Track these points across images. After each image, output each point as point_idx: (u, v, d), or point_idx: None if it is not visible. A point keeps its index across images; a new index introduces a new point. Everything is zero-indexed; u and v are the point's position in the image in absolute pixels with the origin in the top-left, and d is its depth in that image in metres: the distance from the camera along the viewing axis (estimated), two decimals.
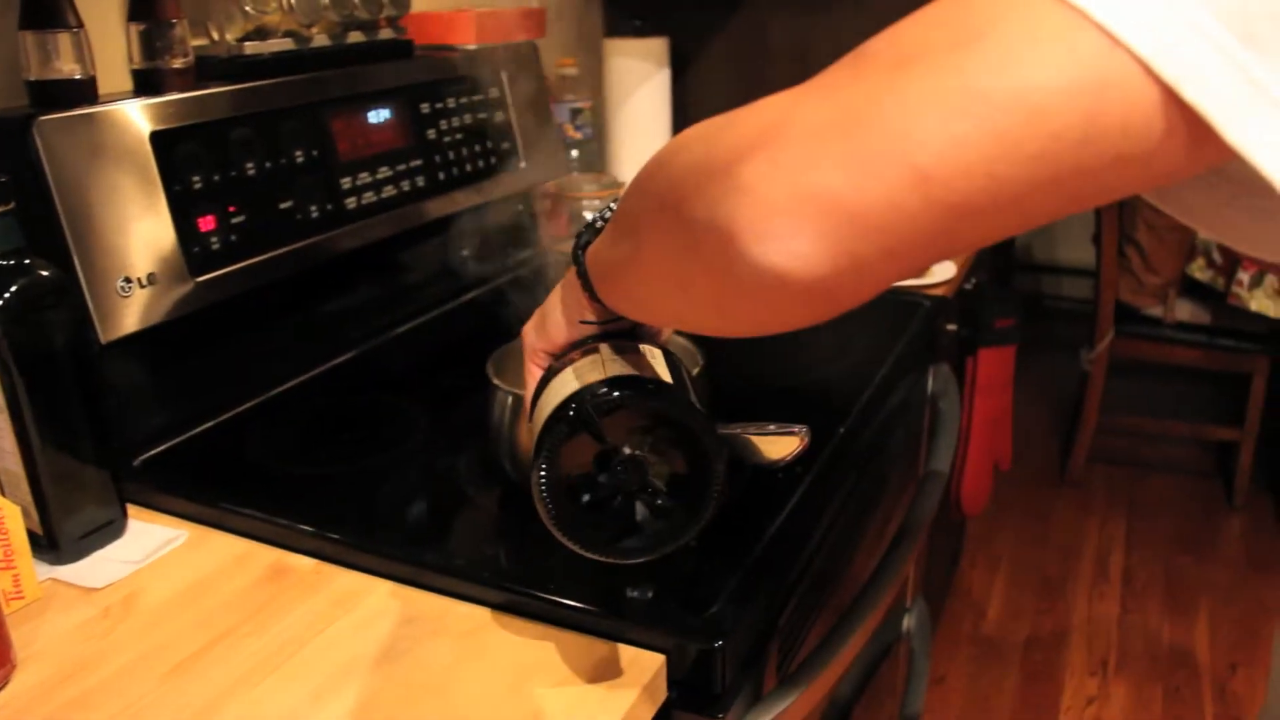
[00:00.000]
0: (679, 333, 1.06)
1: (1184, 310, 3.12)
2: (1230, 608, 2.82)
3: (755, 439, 0.81)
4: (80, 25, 1.08)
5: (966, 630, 2.75)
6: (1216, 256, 3.02)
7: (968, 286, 1.93)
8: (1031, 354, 3.25)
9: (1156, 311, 3.15)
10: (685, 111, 2.16)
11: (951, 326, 1.76)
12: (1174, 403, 3.64)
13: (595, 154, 2.03)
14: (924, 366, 1.50)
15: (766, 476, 0.95)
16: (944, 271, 1.70)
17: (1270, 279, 2.82)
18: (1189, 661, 2.63)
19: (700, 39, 2.22)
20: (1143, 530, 3.19)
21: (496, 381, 0.99)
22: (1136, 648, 2.68)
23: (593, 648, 0.82)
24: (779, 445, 0.82)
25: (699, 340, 1.05)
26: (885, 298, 1.54)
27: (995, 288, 2.03)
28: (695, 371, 0.98)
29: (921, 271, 0.65)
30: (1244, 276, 2.87)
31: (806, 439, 0.81)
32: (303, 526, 0.96)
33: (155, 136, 1.10)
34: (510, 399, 0.97)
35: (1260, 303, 2.84)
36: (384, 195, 1.39)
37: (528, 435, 0.97)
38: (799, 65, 2.15)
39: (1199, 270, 3.05)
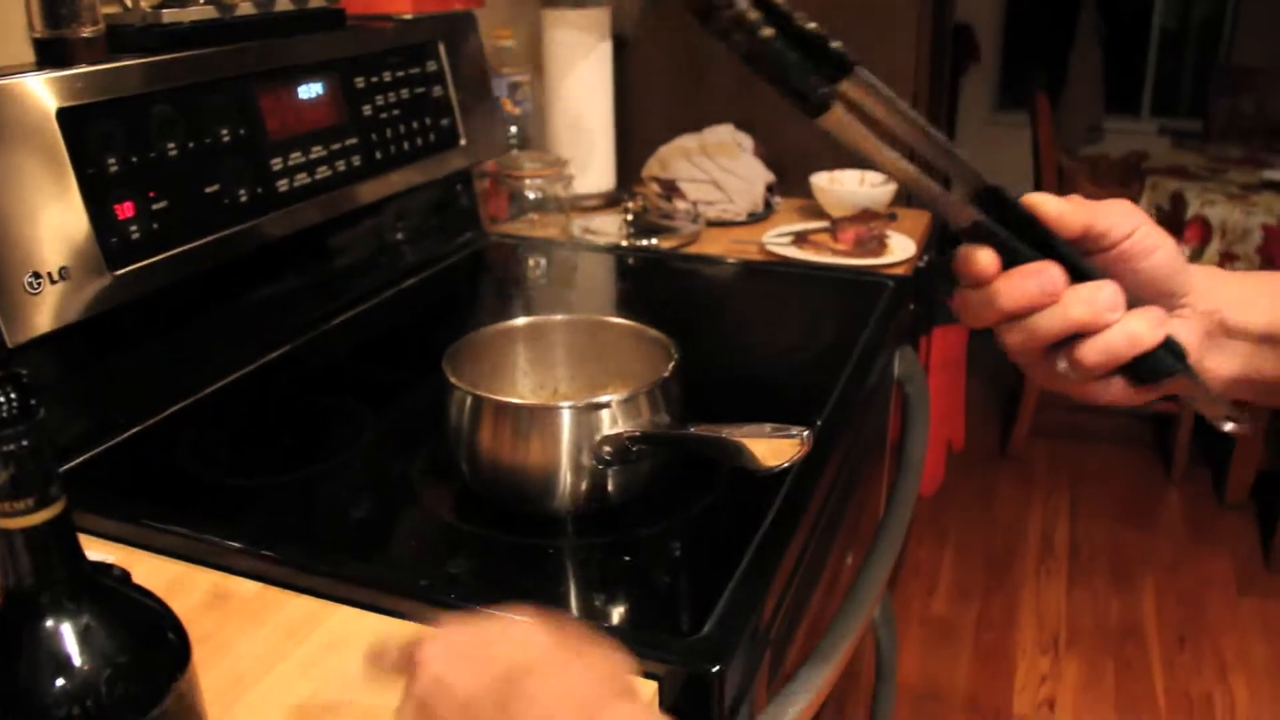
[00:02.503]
0: (655, 325, 0.99)
1: None
2: (1174, 580, 2.83)
3: (750, 442, 0.74)
4: None
5: (916, 610, 2.72)
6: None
7: (920, 264, 1.87)
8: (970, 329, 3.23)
9: None
10: (628, 84, 2.07)
11: (910, 306, 1.70)
12: None
13: (535, 130, 1.94)
14: (889, 349, 1.44)
15: (744, 475, 0.87)
16: (904, 250, 1.64)
17: (1211, 253, 2.82)
18: (1137, 635, 2.63)
19: (643, 10, 2.13)
20: (1086, 503, 3.20)
21: (454, 380, 0.90)
22: (1086, 623, 2.67)
23: None
24: (777, 450, 0.75)
25: (673, 334, 0.97)
26: (848, 278, 1.48)
27: (946, 264, 1.97)
28: (670, 366, 0.90)
29: None
30: (1185, 249, 2.86)
31: (808, 443, 0.74)
32: (243, 545, 0.87)
33: (63, 114, 0.99)
34: (469, 399, 0.89)
35: None
36: (317, 176, 1.29)
37: (488, 437, 0.89)
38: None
39: None
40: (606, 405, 0.85)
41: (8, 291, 0.94)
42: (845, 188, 1.84)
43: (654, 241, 1.66)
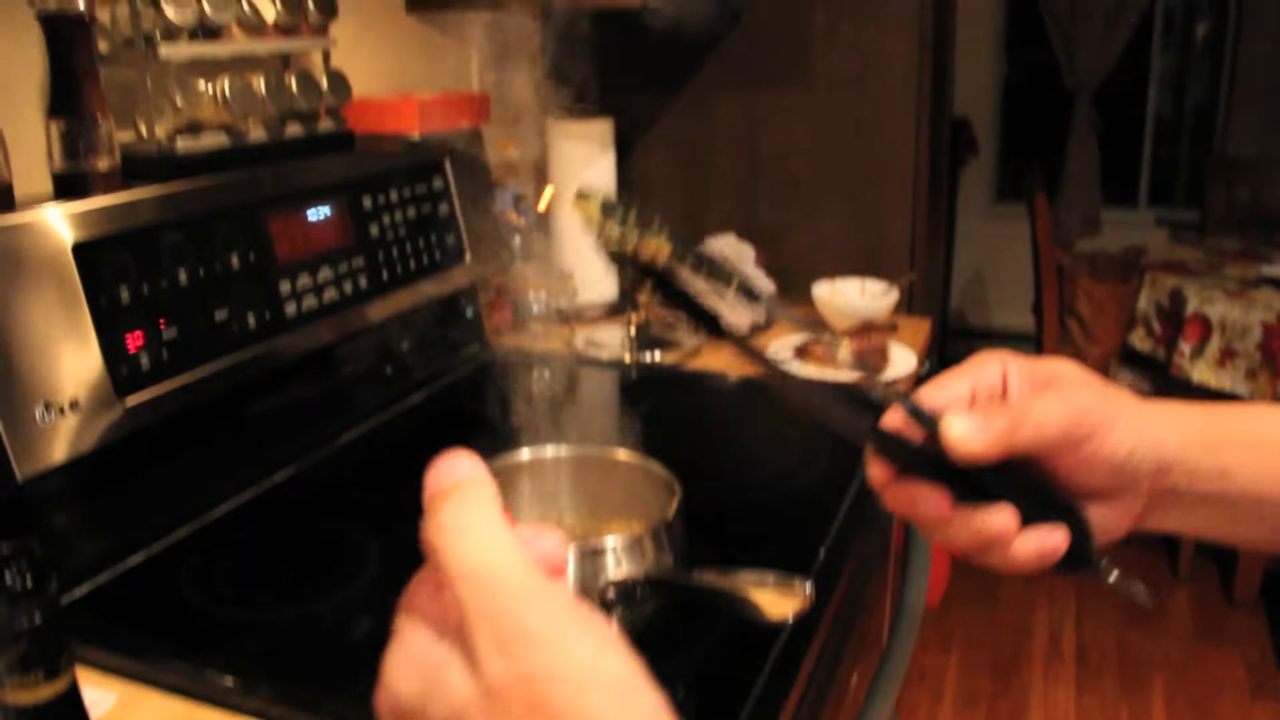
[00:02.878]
0: (659, 459, 0.99)
1: (1125, 380, 3.12)
2: (1184, 683, 2.79)
3: (754, 594, 0.74)
4: None
5: (923, 718, 2.68)
6: (1156, 327, 3.03)
7: (923, 373, 1.88)
8: None
9: None
10: (630, 195, 2.10)
11: None
12: None
13: (538, 240, 1.97)
14: None
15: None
16: (905, 363, 1.65)
17: (1211, 349, 2.83)
18: None
19: (645, 120, 2.17)
20: (1092, 603, 3.16)
21: None
22: None
23: None
24: (781, 603, 0.75)
25: (675, 469, 0.98)
26: (849, 396, 1.49)
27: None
28: (673, 505, 0.91)
29: None
30: (1185, 347, 2.88)
31: (811, 595, 0.74)
32: (245, 686, 0.86)
33: (78, 248, 1.01)
34: None
35: (1202, 373, 2.85)
36: (325, 299, 1.30)
37: None
38: (745, 145, 2.11)
39: (1139, 340, 3.06)
40: (610, 549, 0.85)
41: (19, 425, 0.94)
42: (846, 298, 1.86)
43: (656, 355, 1.67)
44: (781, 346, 1.70)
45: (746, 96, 2.08)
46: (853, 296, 1.88)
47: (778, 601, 0.75)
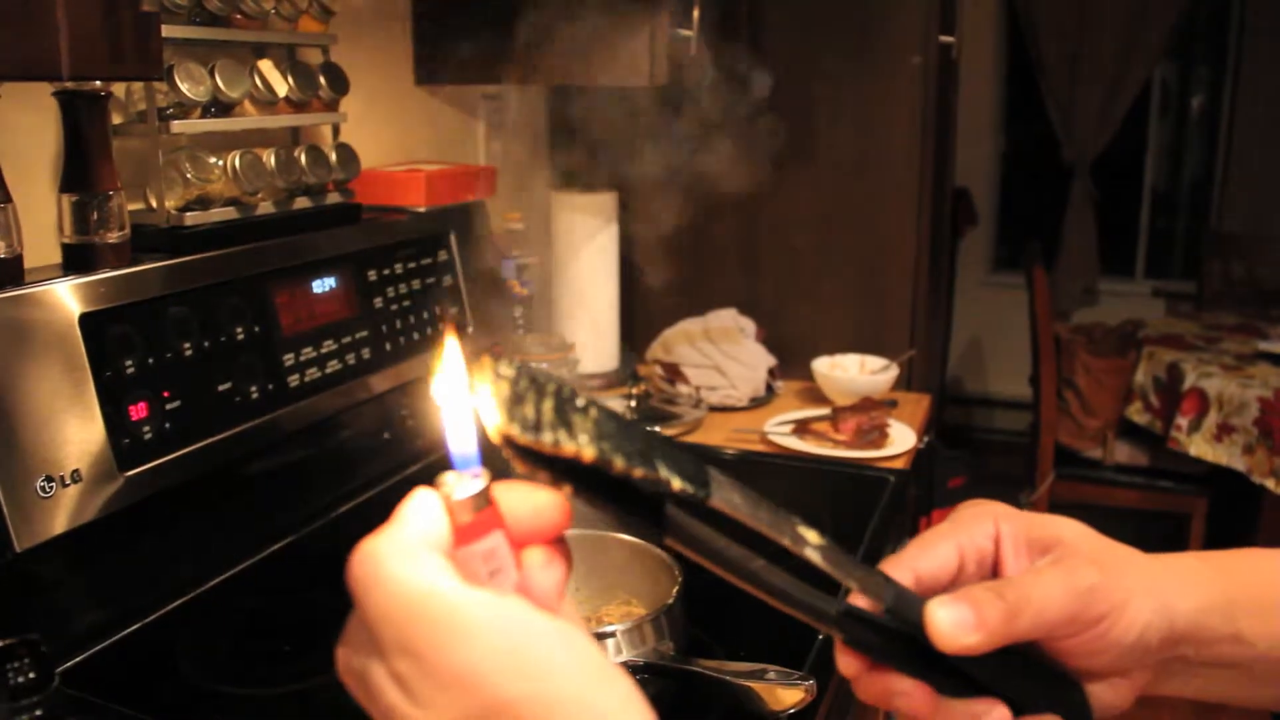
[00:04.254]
0: (659, 545, 0.99)
1: (1123, 452, 3.13)
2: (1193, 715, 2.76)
3: (756, 687, 0.74)
4: (8, 199, 1.00)
5: None
6: (1153, 400, 3.04)
7: (921, 447, 1.89)
8: (965, 488, 3.22)
9: (1096, 454, 3.15)
10: (634, 267, 2.12)
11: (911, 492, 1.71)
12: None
13: (541, 310, 1.98)
14: (892, 543, 1.44)
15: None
16: (904, 440, 1.66)
17: (1209, 424, 2.84)
18: None
19: (648, 193, 2.19)
20: None
21: None
22: None
23: None
24: (781, 694, 0.75)
25: (675, 555, 0.98)
26: (849, 472, 1.49)
27: (944, 446, 1.99)
28: (674, 591, 0.91)
29: None
30: (1183, 421, 2.89)
31: (812, 693, 0.74)
32: None
33: (85, 319, 1.02)
34: None
35: (1199, 447, 2.86)
36: (328, 370, 1.31)
37: None
38: (746, 220, 2.13)
39: (1137, 413, 3.07)
40: (611, 635, 0.85)
41: (20, 497, 0.95)
42: (846, 374, 1.87)
43: (657, 428, 1.68)
44: (780, 422, 1.71)
45: (747, 169, 2.11)
46: (853, 372, 1.89)
47: (779, 694, 0.75)
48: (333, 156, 1.38)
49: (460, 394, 0.43)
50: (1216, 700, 0.59)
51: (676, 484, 0.44)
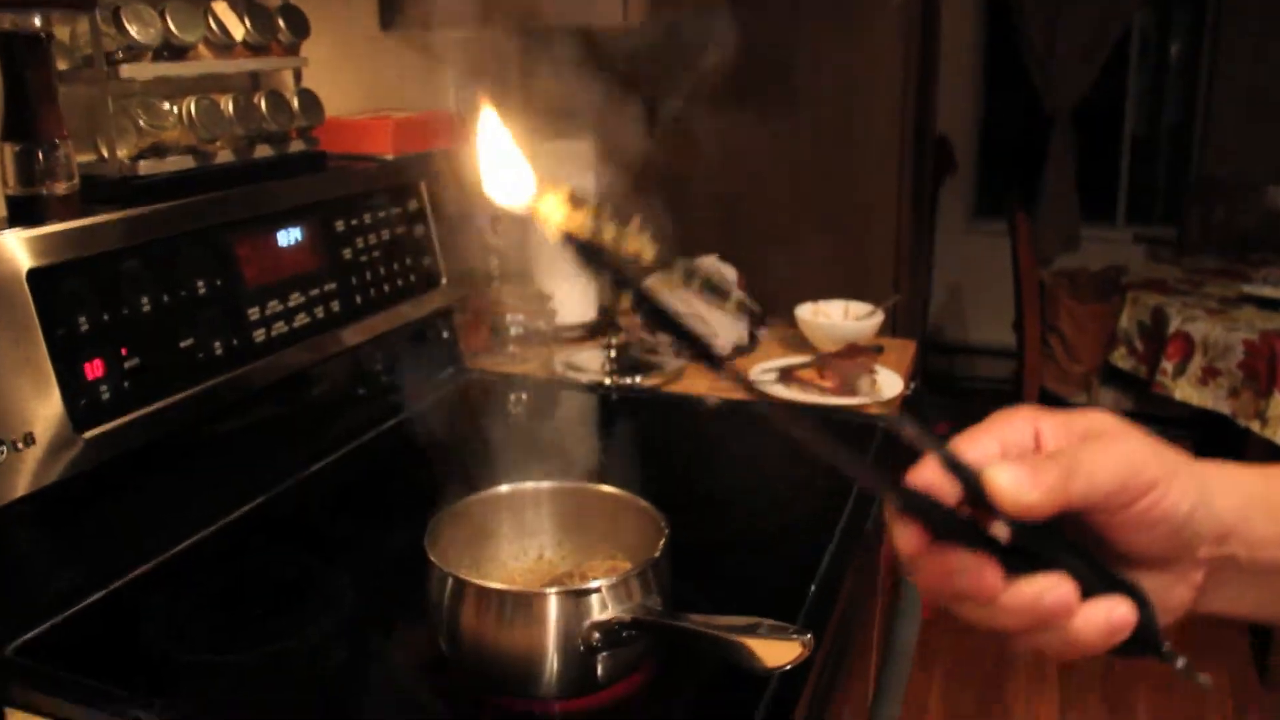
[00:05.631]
0: (642, 489, 0.96)
1: (1107, 398, 3.11)
2: (1169, 700, 2.77)
3: (749, 642, 0.70)
4: None
5: None
6: (1138, 345, 3.02)
7: (908, 394, 1.85)
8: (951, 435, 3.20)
9: (1081, 399, 3.14)
10: (610, 213, 2.07)
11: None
12: None
13: (516, 260, 1.93)
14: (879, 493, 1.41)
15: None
16: (891, 386, 1.62)
17: (1194, 367, 2.82)
18: None
19: (625, 139, 2.14)
20: None
21: (434, 559, 0.86)
22: None
23: None
24: (777, 651, 0.71)
25: (658, 500, 0.94)
26: (836, 419, 1.45)
27: (931, 391, 1.96)
28: (661, 544, 0.87)
29: None
30: (1168, 365, 2.87)
31: (809, 646, 0.70)
32: None
33: (33, 274, 0.97)
34: (451, 580, 0.85)
35: (1184, 391, 2.84)
36: (296, 324, 1.26)
37: (471, 620, 0.85)
38: (729, 164, 2.08)
39: (1121, 359, 3.05)
40: (596, 590, 0.81)
41: None
42: (830, 320, 1.83)
43: (638, 379, 1.64)
44: (765, 370, 1.67)
45: (728, 116, 2.06)
46: (836, 318, 1.85)
47: (773, 649, 0.71)
48: (295, 103, 1.32)
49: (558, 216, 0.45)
50: (1269, 620, 0.58)
51: (736, 297, 0.48)
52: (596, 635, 0.81)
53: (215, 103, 1.20)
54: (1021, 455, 0.53)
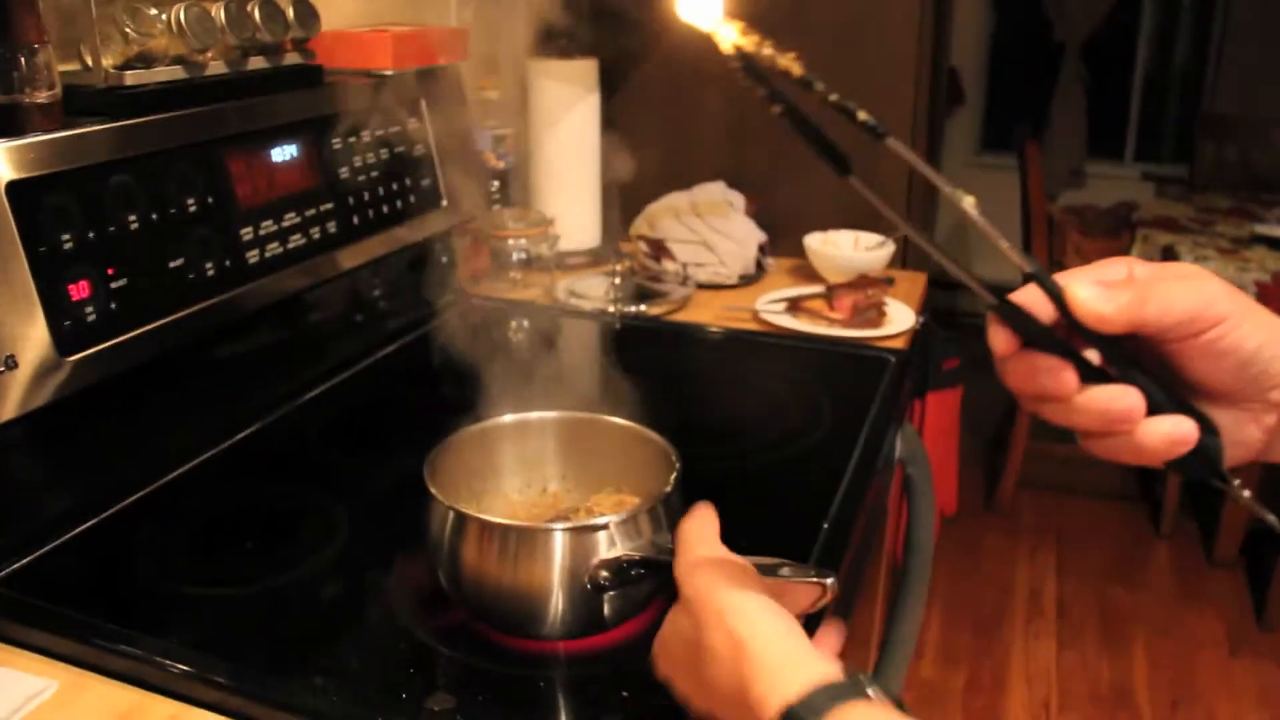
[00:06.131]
0: (649, 421, 0.92)
1: None
2: (1165, 641, 2.77)
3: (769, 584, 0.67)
4: None
5: (904, 674, 2.64)
6: None
7: (917, 326, 1.81)
8: (960, 370, 3.17)
9: None
10: (615, 138, 2.01)
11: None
12: None
13: (518, 184, 1.87)
14: (893, 428, 1.37)
15: None
16: (903, 319, 1.58)
17: None
18: (1130, 701, 2.56)
19: (631, 60, 2.07)
20: (1073, 559, 3.14)
21: (434, 491, 0.82)
22: (1077, 688, 2.61)
23: None
24: (799, 594, 0.68)
25: (665, 432, 0.90)
26: (847, 351, 1.41)
27: (939, 326, 1.92)
28: (672, 479, 0.83)
29: None
30: None
31: (834, 590, 0.67)
32: (199, 673, 0.79)
33: (13, 187, 0.91)
34: (452, 514, 0.81)
35: None
36: (290, 245, 1.21)
37: (473, 556, 0.81)
38: (737, 88, 2.01)
39: None
40: (604, 527, 0.78)
41: None
42: (840, 250, 1.78)
43: (642, 308, 1.59)
44: (773, 300, 1.62)
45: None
46: (846, 249, 1.80)
47: (797, 593, 0.68)
48: (290, 13, 1.25)
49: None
50: None
51: (861, 115, 0.55)
52: (604, 574, 0.78)
53: (206, 10, 1.14)
54: (1149, 282, 0.56)
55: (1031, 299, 0.56)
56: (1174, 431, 0.54)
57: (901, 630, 1.22)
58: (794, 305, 1.59)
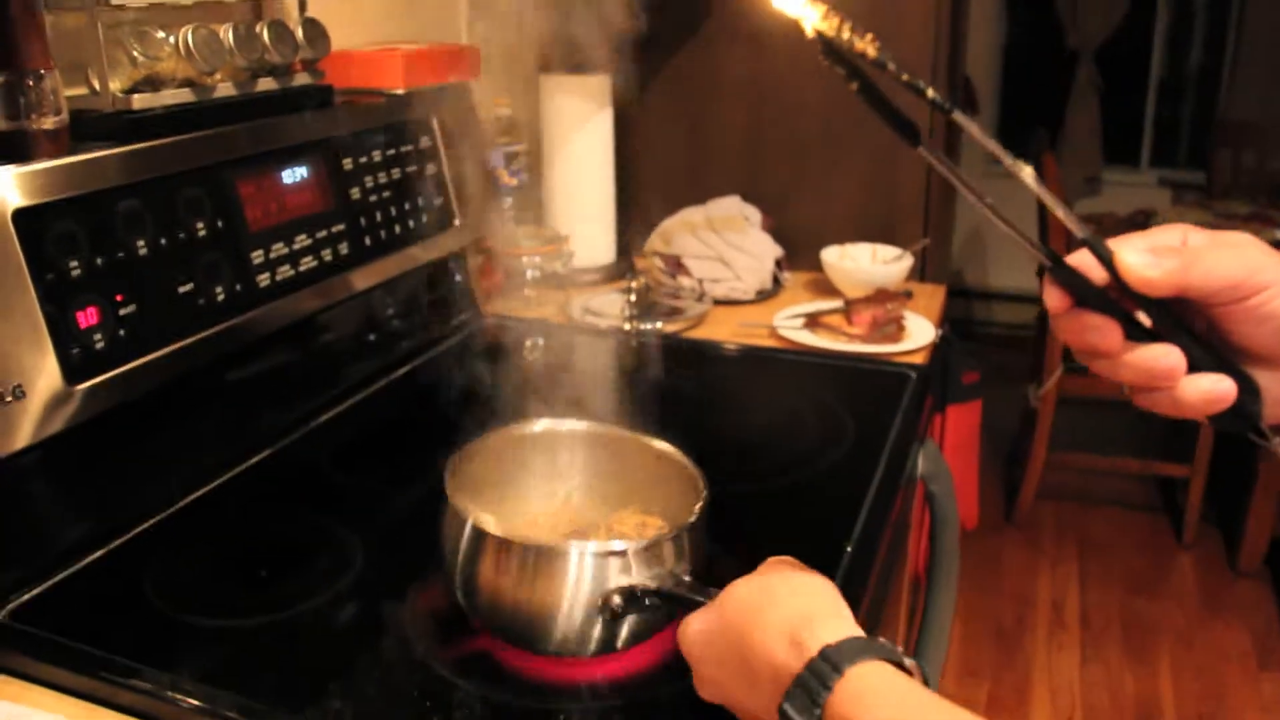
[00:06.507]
0: (664, 424, 0.91)
1: None
2: (1190, 653, 2.73)
3: None
4: None
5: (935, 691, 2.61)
6: None
7: (936, 340, 1.79)
8: (980, 384, 3.14)
9: None
10: (629, 155, 1.99)
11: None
12: (1118, 437, 3.54)
13: (531, 201, 1.86)
14: (913, 443, 1.35)
15: None
16: (923, 333, 1.56)
17: None
18: (1155, 713, 2.53)
19: (645, 75, 2.05)
20: (1095, 570, 3.10)
21: (454, 501, 0.81)
22: (1101, 701, 2.57)
23: None
24: None
25: (701, 463, 0.89)
26: (866, 368, 1.39)
27: (959, 340, 1.89)
28: (698, 507, 0.82)
29: None
30: None
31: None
32: (211, 708, 0.77)
33: (19, 215, 0.90)
34: (469, 528, 0.80)
35: None
36: (302, 268, 1.20)
37: (489, 570, 0.80)
38: (754, 101, 2.00)
39: None
40: (622, 554, 0.76)
41: None
42: (857, 264, 1.76)
43: (658, 325, 1.57)
44: (790, 315, 1.60)
45: (753, 52, 1.97)
46: (864, 262, 1.78)
47: None
48: (299, 33, 1.24)
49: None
50: None
51: (930, 93, 0.60)
52: (617, 600, 0.76)
53: (214, 32, 1.13)
54: (1196, 249, 0.60)
55: (1084, 262, 0.60)
56: (1213, 389, 0.58)
57: (929, 648, 1.20)
58: (812, 321, 1.57)
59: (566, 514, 0.97)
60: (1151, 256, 0.58)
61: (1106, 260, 0.59)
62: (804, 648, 0.64)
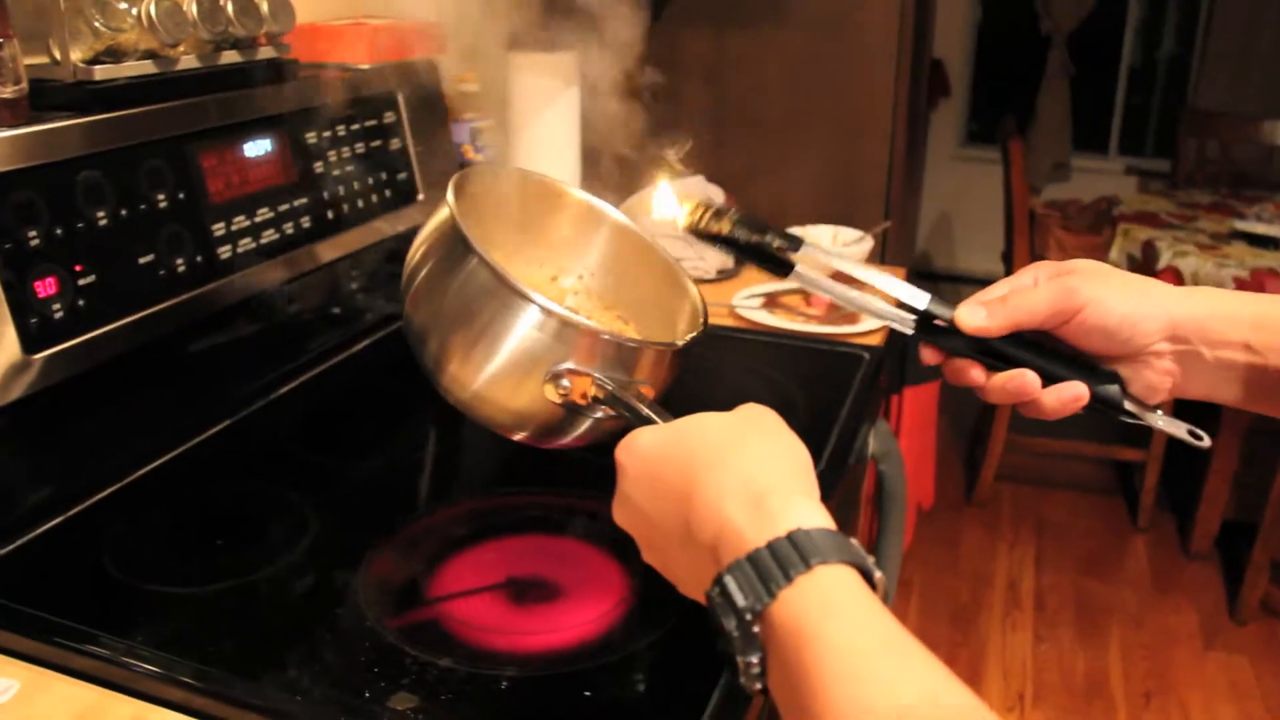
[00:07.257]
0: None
1: None
2: (1139, 633, 2.79)
3: None
4: None
5: None
6: None
7: None
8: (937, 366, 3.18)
9: None
10: (596, 132, 2.00)
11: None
12: (1077, 421, 3.57)
13: None
14: (866, 425, 1.38)
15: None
16: None
17: None
18: (1103, 692, 2.58)
19: (610, 54, 2.06)
20: (1052, 552, 3.15)
21: (451, 206, 0.83)
22: (1052, 679, 2.62)
23: None
24: None
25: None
26: (822, 348, 1.41)
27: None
28: (690, 336, 0.84)
29: None
30: None
31: None
32: (164, 672, 0.79)
33: None
34: (451, 229, 0.81)
35: None
36: (263, 241, 1.21)
37: (458, 283, 0.77)
38: (714, 85, 2.01)
39: None
40: (593, 333, 0.76)
41: None
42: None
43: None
44: (749, 295, 1.62)
45: (717, 33, 1.98)
46: (825, 244, 1.80)
47: None
48: (264, 6, 1.25)
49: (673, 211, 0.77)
50: (1236, 404, 0.74)
51: (776, 242, 0.78)
52: (564, 383, 0.76)
53: (177, 4, 1.13)
54: (1018, 292, 0.74)
55: (944, 318, 0.75)
56: (1063, 394, 0.72)
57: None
58: (771, 301, 1.60)
59: (552, 290, 0.94)
60: (983, 309, 0.72)
61: (948, 321, 0.74)
62: (770, 518, 0.54)
